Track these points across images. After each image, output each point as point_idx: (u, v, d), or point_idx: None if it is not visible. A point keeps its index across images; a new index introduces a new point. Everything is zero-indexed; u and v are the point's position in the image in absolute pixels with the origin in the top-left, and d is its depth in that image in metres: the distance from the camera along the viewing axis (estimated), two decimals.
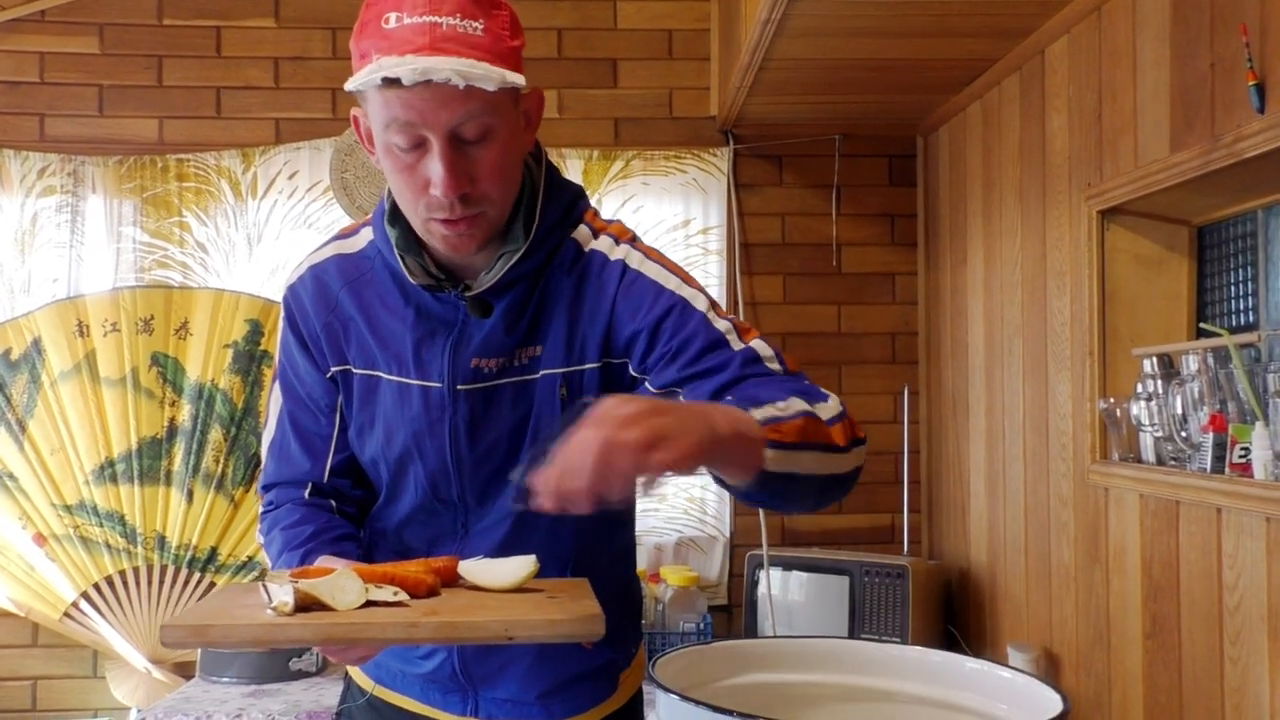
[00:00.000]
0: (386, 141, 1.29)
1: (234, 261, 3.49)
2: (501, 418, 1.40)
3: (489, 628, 1.12)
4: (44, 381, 3.40)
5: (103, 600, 3.38)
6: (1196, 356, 2.15)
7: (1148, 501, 2.28)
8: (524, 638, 1.11)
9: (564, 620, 1.12)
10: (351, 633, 1.14)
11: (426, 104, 1.23)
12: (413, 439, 1.42)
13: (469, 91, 1.22)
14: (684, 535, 3.56)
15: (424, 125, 1.25)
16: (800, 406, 1.20)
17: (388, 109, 1.25)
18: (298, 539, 1.40)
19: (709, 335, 1.33)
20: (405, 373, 1.42)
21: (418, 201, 1.31)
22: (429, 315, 1.41)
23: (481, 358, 1.39)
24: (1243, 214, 2.35)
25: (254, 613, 1.17)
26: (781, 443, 1.14)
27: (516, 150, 1.34)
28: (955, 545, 3.42)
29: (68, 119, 3.52)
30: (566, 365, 1.38)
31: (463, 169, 1.27)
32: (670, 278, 1.39)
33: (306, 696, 2.96)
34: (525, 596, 1.24)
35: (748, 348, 1.33)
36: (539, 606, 1.18)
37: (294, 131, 3.54)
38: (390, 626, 1.12)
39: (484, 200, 1.31)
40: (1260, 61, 1.87)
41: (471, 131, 1.26)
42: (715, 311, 1.36)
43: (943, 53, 2.89)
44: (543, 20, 3.59)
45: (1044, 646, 2.76)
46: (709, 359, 1.31)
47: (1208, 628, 2.07)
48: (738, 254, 3.58)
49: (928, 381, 3.63)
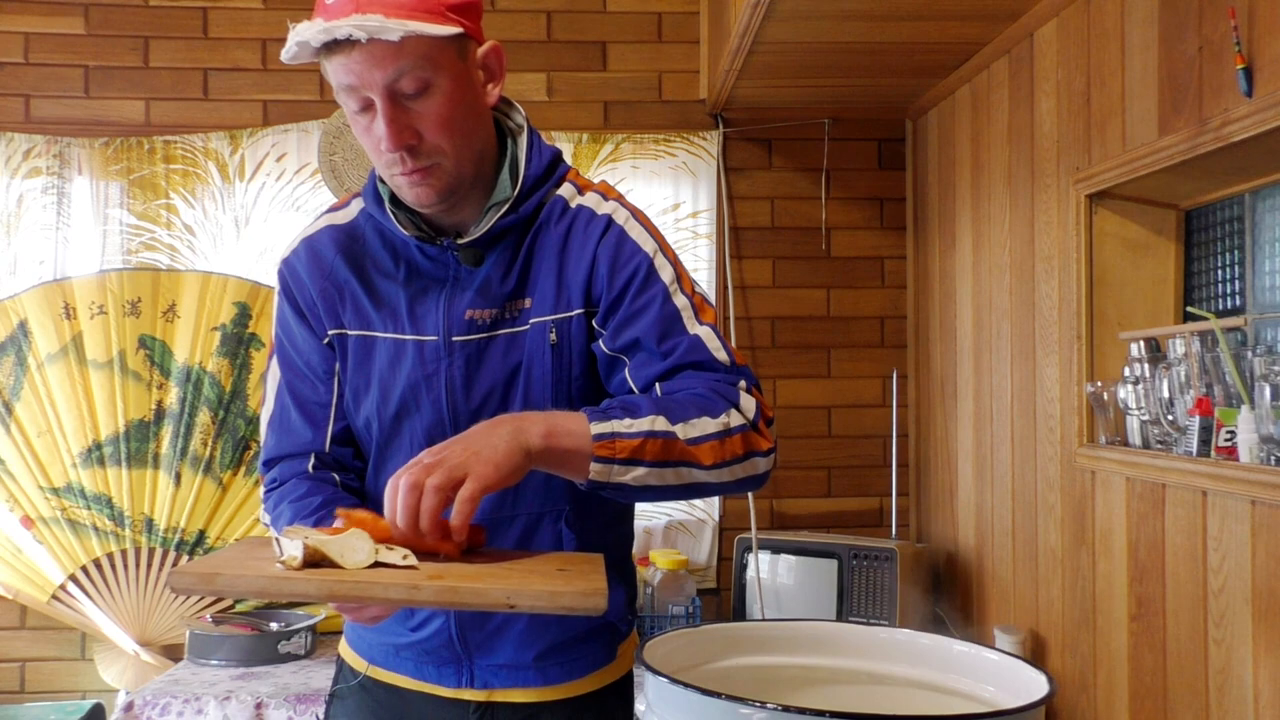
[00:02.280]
0: (345, 108, 1.38)
1: (221, 244, 3.47)
2: (495, 369, 1.44)
3: (491, 594, 1.13)
4: (30, 364, 3.38)
5: (91, 583, 3.38)
6: (1183, 340, 2.16)
7: (1134, 485, 2.29)
8: (525, 607, 1.13)
9: (567, 593, 1.13)
10: (355, 590, 1.15)
11: (360, 65, 1.30)
12: (409, 392, 1.45)
13: (397, 49, 1.29)
14: (673, 519, 3.57)
15: (363, 86, 1.32)
16: (653, 426, 1.28)
17: (335, 76, 1.34)
18: (307, 509, 1.42)
19: (665, 311, 1.40)
20: (400, 329, 1.46)
21: (379, 159, 1.39)
22: (421, 272, 1.47)
23: (475, 309, 1.44)
24: (1230, 198, 2.35)
25: (264, 565, 1.18)
26: (610, 459, 1.26)
27: (467, 102, 1.38)
28: (943, 528, 3.43)
29: (53, 100, 3.50)
30: (555, 312, 1.43)
31: (404, 123, 1.34)
32: (649, 241, 1.45)
33: (295, 679, 2.96)
34: (535, 566, 1.26)
35: (695, 336, 1.40)
36: (546, 577, 1.19)
37: (282, 114, 3.53)
38: (393, 587, 1.13)
39: (434, 152, 1.37)
40: (1248, 45, 1.87)
41: (409, 85, 1.32)
42: (680, 285, 1.43)
43: (932, 36, 2.89)
44: (532, 3, 3.58)
45: (1030, 629, 2.78)
46: (660, 340, 1.39)
47: (1193, 610, 2.08)
48: (727, 238, 3.58)
49: (916, 365, 3.64)
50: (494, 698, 1.52)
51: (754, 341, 3.61)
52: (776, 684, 1.35)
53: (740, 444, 1.33)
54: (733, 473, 1.34)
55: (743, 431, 1.34)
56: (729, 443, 1.32)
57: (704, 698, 1.00)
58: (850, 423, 3.65)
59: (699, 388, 1.35)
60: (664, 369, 1.38)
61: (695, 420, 1.31)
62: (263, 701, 2.80)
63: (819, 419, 3.64)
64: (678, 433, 1.29)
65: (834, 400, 3.65)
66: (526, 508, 1.45)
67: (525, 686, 1.52)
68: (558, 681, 1.52)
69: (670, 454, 1.29)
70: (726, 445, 1.32)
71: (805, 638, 1.39)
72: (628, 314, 1.40)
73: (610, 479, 1.27)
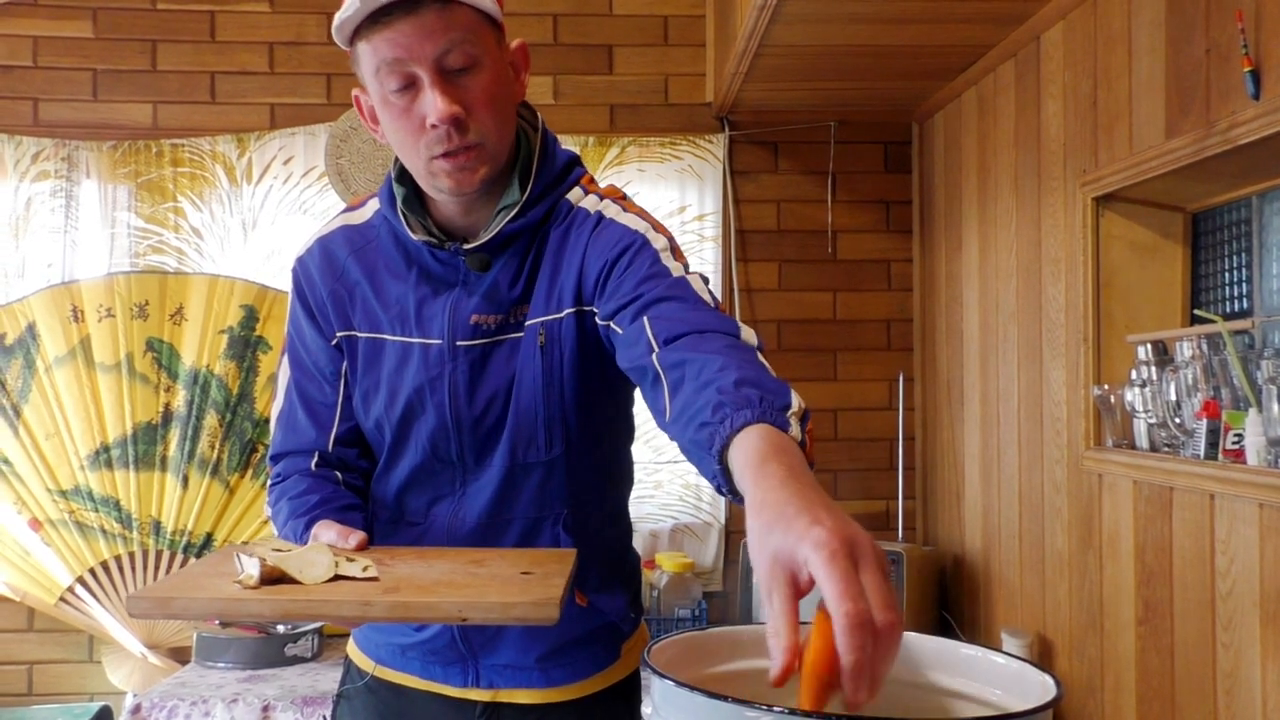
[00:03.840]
0: (382, 93, 1.34)
1: (229, 247, 3.48)
2: (497, 375, 1.43)
3: (442, 608, 1.11)
4: (39, 367, 3.39)
5: (98, 585, 3.39)
6: (1190, 343, 2.15)
7: (1141, 488, 2.29)
8: (478, 619, 1.11)
9: (519, 604, 1.11)
10: (307, 609, 1.14)
11: (409, 38, 1.28)
12: (415, 396, 1.45)
13: (449, 20, 1.28)
14: (679, 521, 3.57)
15: (410, 59, 1.29)
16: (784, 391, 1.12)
17: (376, 54, 1.30)
18: (302, 507, 1.42)
19: (654, 269, 1.34)
20: (408, 332, 1.46)
21: (418, 143, 1.35)
22: (431, 276, 1.46)
23: (480, 314, 1.43)
24: (1237, 200, 2.35)
25: (222, 585, 1.16)
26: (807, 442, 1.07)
27: (506, 87, 1.38)
28: (950, 531, 3.43)
29: (62, 103, 3.51)
30: (545, 314, 1.41)
31: (454, 95, 1.31)
32: (639, 222, 1.41)
33: (302, 681, 2.97)
34: (501, 570, 1.24)
35: (681, 277, 1.33)
36: (505, 584, 1.17)
37: (289, 117, 3.54)
38: (345, 604, 1.12)
39: (480, 129, 1.34)
40: (1255, 48, 1.87)
41: (457, 60, 1.31)
42: (672, 254, 1.38)
43: (938, 39, 2.89)
44: (539, 6, 3.59)
45: (1037, 632, 2.77)
46: (645, 281, 1.32)
47: (1200, 613, 2.08)
48: (733, 240, 3.58)
49: (923, 368, 3.64)
50: (500, 698, 1.52)
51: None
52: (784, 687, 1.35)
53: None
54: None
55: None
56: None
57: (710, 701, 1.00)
58: (857, 426, 3.65)
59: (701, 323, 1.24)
60: (645, 301, 1.30)
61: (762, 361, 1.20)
62: (269, 704, 2.81)
63: (825, 422, 3.64)
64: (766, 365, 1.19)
65: (840, 403, 3.65)
66: (523, 511, 1.45)
67: (530, 687, 1.52)
68: (562, 683, 1.52)
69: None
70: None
71: None
72: (617, 281, 1.36)
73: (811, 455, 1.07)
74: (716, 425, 1.03)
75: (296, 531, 1.40)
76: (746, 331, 1.26)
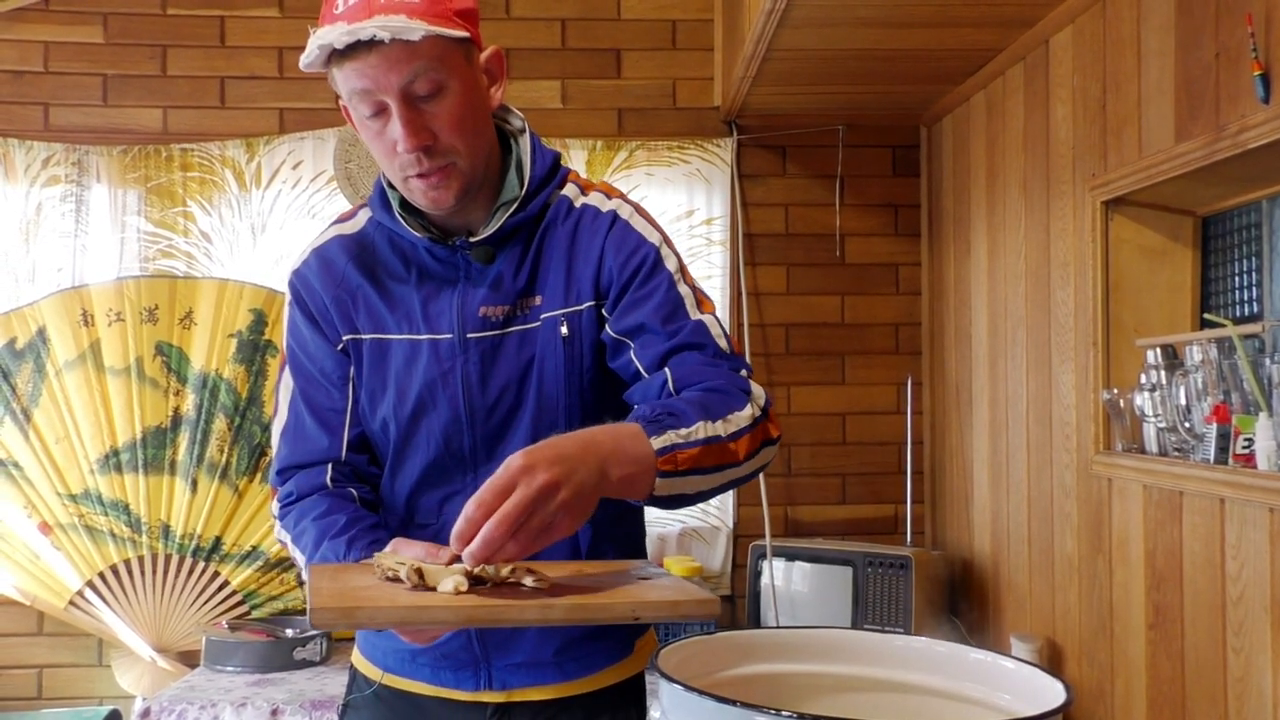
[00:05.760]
0: (357, 116, 1.40)
1: (238, 251, 3.49)
2: (509, 364, 1.46)
3: (617, 609, 1.18)
4: (49, 370, 3.41)
5: (108, 589, 3.40)
6: (1200, 347, 2.15)
7: (1151, 492, 2.28)
8: (649, 618, 1.18)
9: (685, 602, 1.19)
10: (491, 614, 1.16)
11: (375, 69, 1.32)
12: (426, 391, 1.47)
13: (413, 50, 1.31)
14: (687, 526, 3.57)
15: (378, 89, 1.34)
16: (705, 433, 1.27)
17: (347, 83, 1.36)
18: (334, 527, 1.42)
19: (670, 296, 1.44)
20: (415, 329, 1.48)
21: (393, 164, 1.41)
22: (431, 274, 1.50)
23: (488, 306, 1.47)
24: (1247, 204, 2.34)
25: (393, 593, 1.19)
26: (673, 472, 1.24)
27: (476, 104, 1.42)
28: (958, 536, 3.42)
29: (72, 108, 3.52)
30: (565, 306, 1.46)
31: (420, 124, 1.36)
32: (654, 234, 1.49)
33: (310, 686, 2.97)
34: (616, 580, 1.29)
35: (699, 321, 1.43)
36: (642, 588, 1.23)
37: (298, 121, 3.54)
38: (528, 608, 1.16)
39: (450, 151, 1.40)
40: (1265, 51, 1.86)
41: (423, 87, 1.35)
42: (683, 276, 1.47)
43: (946, 43, 2.89)
44: (547, 11, 3.59)
45: (1047, 637, 2.77)
46: (664, 322, 1.42)
47: (1211, 618, 2.07)
48: (741, 244, 3.58)
49: (931, 372, 3.63)
50: (512, 698, 1.52)
51: (768, 348, 3.61)
52: (791, 692, 1.35)
53: (760, 434, 1.34)
54: (754, 464, 1.35)
55: (761, 422, 1.35)
56: (754, 435, 1.33)
57: (719, 705, 1.00)
58: (865, 429, 3.65)
59: (714, 380, 1.36)
60: (669, 348, 1.40)
61: (731, 417, 1.31)
62: (278, 708, 2.81)
63: (833, 426, 3.63)
64: (721, 432, 1.29)
65: (848, 407, 3.64)
66: None
67: (544, 684, 1.52)
68: (576, 676, 1.53)
69: (722, 457, 1.29)
70: (753, 438, 1.33)
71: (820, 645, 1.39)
72: (634, 299, 1.44)
73: (671, 492, 1.26)
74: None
75: (339, 552, 1.39)
76: (756, 391, 1.37)
